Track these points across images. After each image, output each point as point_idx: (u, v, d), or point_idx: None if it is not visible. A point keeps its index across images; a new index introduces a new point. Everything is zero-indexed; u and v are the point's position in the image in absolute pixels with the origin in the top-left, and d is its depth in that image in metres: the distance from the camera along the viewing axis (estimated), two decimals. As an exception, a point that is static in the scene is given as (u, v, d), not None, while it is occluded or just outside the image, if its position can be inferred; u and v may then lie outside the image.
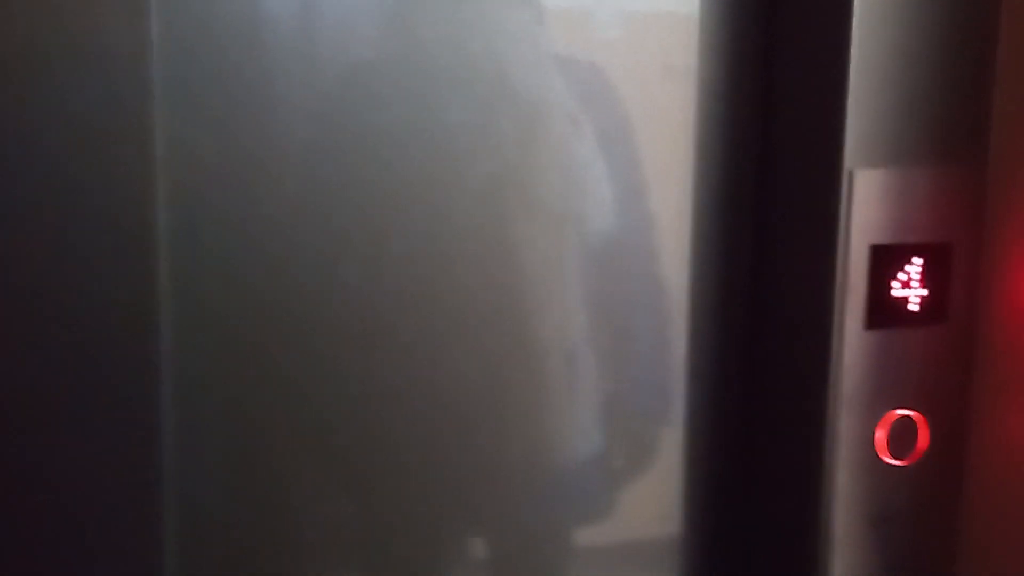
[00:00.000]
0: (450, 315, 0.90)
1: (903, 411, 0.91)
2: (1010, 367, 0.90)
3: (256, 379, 0.86)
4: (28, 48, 0.76)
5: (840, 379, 0.89)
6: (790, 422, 0.93)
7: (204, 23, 0.81)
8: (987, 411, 0.92)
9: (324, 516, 0.91)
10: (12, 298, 0.79)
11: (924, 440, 0.91)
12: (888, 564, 0.93)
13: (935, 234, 0.90)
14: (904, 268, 0.89)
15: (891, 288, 0.89)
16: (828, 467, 0.90)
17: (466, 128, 0.89)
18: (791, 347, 0.93)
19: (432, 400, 0.91)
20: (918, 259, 0.89)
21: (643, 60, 0.93)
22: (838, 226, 0.87)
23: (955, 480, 0.93)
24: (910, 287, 0.89)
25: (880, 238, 0.88)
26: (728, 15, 0.93)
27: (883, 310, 0.89)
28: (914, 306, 0.90)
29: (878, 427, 0.90)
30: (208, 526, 0.87)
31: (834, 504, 0.90)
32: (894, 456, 0.91)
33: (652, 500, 1.00)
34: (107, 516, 0.82)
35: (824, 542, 0.90)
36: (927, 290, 0.90)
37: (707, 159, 0.94)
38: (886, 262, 0.88)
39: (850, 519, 0.91)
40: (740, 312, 0.97)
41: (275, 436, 0.88)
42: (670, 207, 0.95)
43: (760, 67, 0.94)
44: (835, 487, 0.90)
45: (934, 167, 0.89)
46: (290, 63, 0.85)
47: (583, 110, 0.93)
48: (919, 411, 0.91)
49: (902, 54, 0.87)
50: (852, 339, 0.89)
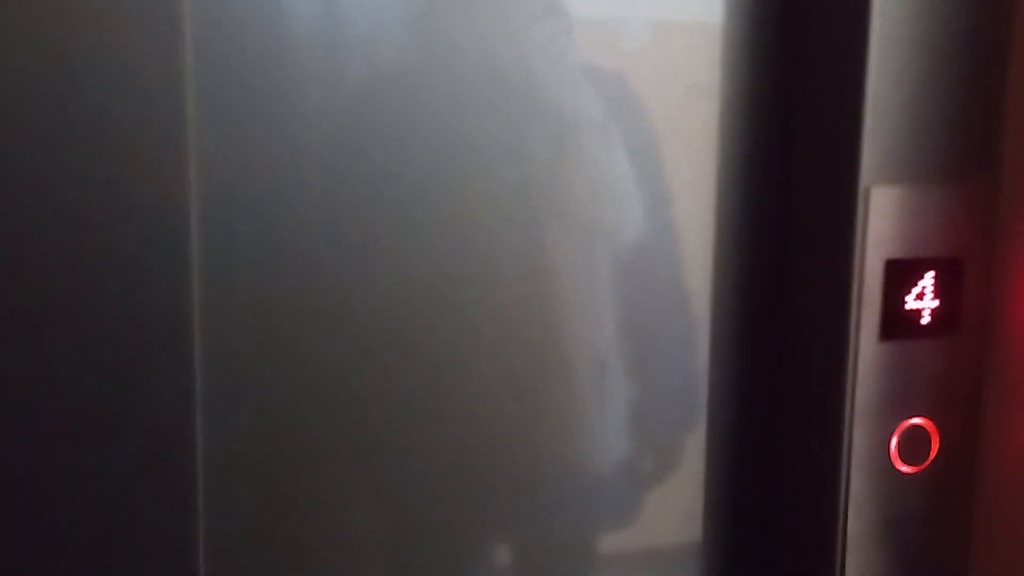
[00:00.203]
0: (479, 323, 0.91)
1: (916, 420, 0.93)
2: (1020, 377, 0.92)
3: (286, 385, 0.87)
4: (63, 56, 0.76)
5: (856, 389, 0.91)
6: (808, 430, 0.95)
7: (236, 31, 0.82)
8: (997, 420, 0.94)
9: (353, 522, 0.92)
10: (47, 299, 0.79)
11: (936, 448, 0.94)
12: (901, 568, 0.95)
13: (948, 249, 0.92)
14: (918, 282, 0.91)
15: (905, 301, 0.91)
16: (844, 473, 0.91)
17: (495, 137, 0.89)
18: (809, 357, 0.95)
19: (461, 407, 0.92)
20: (931, 273, 0.91)
21: (668, 72, 0.93)
22: (854, 241, 0.89)
23: (966, 486, 0.96)
24: (923, 300, 0.92)
25: (895, 253, 0.90)
26: (750, 31, 0.94)
27: (897, 322, 0.91)
28: (927, 318, 0.92)
29: (892, 435, 0.92)
30: (237, 529, 0.86)
31: (850, 509, 0.92)
32: (907, 463, 0.93)
33: (674, 506, 1.00)
34: (139, 516, 0.82)
35: (840, 546, 0.92)
36: (940, 303, 0.92)
37: (729, 173, 0.95)
38: (900, 276, 0.91)
39: (865, 523, 0.93)
40: (760, 323, 0.98)
41: (304, 442, 0.88)
42: (693, 219, 0.96)
43: (780, 85, 0.95)
44: (851, 492, 0.92)
45: (947, 185, 0.91)
46: (319, 72, 0.85)
47: (611, 120, 0.93)
48: (931, 420, 0.93)
49: (917, 76, 0.89)
50: (867, 350, 0.91)
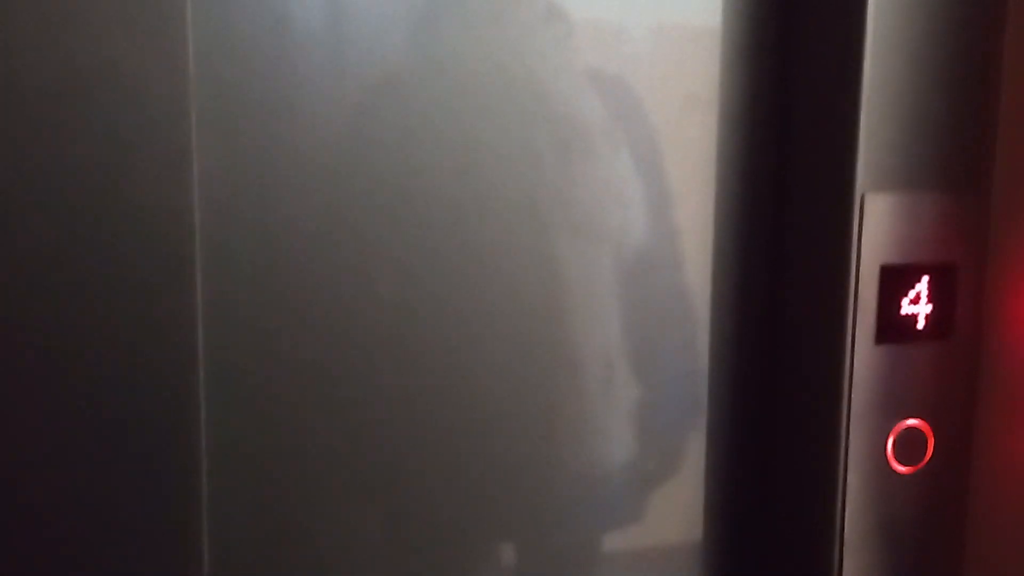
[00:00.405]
0: (483, 326, 0.92)
1: (911, 421, 0.94)
2: (1013, 380, 0.94)
3: (290, 388, 0.87)
4: (66, 72, 0.76)
5: (852, 391, 0.92)
6: (805, 432, 0.96)
7: (238, 36, 0.82)
8: (991, 422, 0.96)
9: (356, 523, 0.92)
10: (49, 304, 0.79)
11: (930, 449, 0.95)
12: (898, 568, 0.96)
13: (942, 255, 0.93)
14: (913, 287, 0.93)
15: (900, 306, 0.92)
16: (841, 474, 0.93)
17: (501, 141, 0.90)
18: (805, 360, 0.96)
19: (464, 408, 0.92)
20: (925, 278, 0.93)
21: (666, 78, 0.94)
22: (850, 247, 0.90)
23: (960, 487, 0.97)
24: (918, 305, 0.93)
25: (890, 258, 0.91)
26: (748, 39, 0.95)
27: (892, 326, 0.92)
28: (922, 323, 0.93)
29: (887, 436, 0.94)
30: (241, 531, 0.87)
31: (846, 508, 0.93)
32: (903, 464, 0.95)
33: (674, 506, 1.01)
34: (143, 519, 0.82)
35: (838, 546, 0.94)
36: (934, 307, 0.93)
37: (727, 179, 0.96)
38: (895, 281, 0.92)
39: (862, 524, 0.94)
40: (758, 327, 0.99)
41: (308, 444, 0.88)
42: (693, 223, 0.97)
43: (777, 93, 0.97)
44: (847, 493, 0.93)
45: (941, 191, 0.93)
46: (323, 79, 0.85)
47: (613, 124, 0.94)
48: (926, 421, 0.95)
49: (911, 85, 0.91)
50: (863, 353, 0.92)
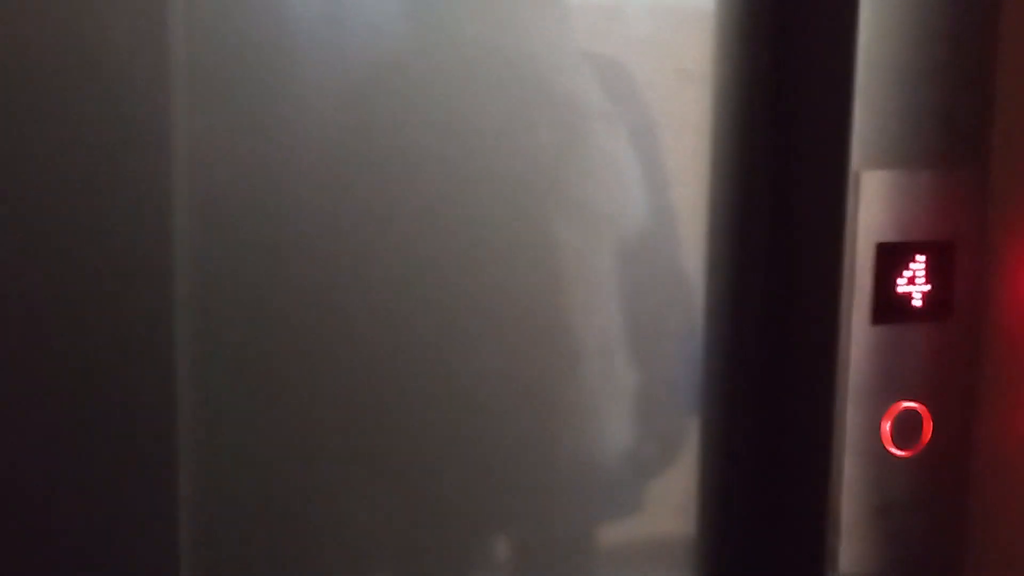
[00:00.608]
0: (480, 311, 0.91)
1: (908, 403, 0.93)
2: (1011, 361, 0.93)
3: (281, 379, 0.87)
4: (42, 56, 0.75)
5: (847, 372, 0.91)
6: (800, 413, 0.96)
7: (224, 23, 0.81)
8: (989, 403, 0.95)
9: (350, 514, 0.92)
10: (26, 306, 0.78)
11: (928, 431, 0.94)
12: (894, 551, 0.95)
13: (938, 233, 0.92)
14: (908, 265, 0.92)
15: (896, 285, 0.92)
16: (836, 457, 0.92)
17: (497, 126, 0.89)
18: (800, 341, 0.95)
19: (460, 396, 0.92)
20: (922, 257, 0.92)
21: (662, 58, 0.94)
22: (845, 225, 0.90)
23: (959, 470, 0.96)
24: (915, 284, 0.92)
25: (885, 236, 0.91)
26: (743, 16, 0.95)
27: (888, 306, 0.91)
28: (918, 302, 0.92)
29: (884, 419, 0.93)
30: (229, 525, 0.87)
31: (842, 492, 0.92)
32: (899, 447, 0.94)
33: (670, 492, 1.01)
34: (122, 520, 0.82)
35: (833, 529, 0.93)
36: (931, 287, 0.92)
37: (721, 158, 0.96)
38: (891, 259, 0.91)
39: (858, 507, 0.93)
40: (753, 308, 0.99)
41: (300, 433, 0.88)
42: (688, 204, 0.96)
43: (773, 70, 0.96)
44: (843, 476, 0.92)
45: (938, 169, 0.92)
46: (314, 64, 0.84)
47: (610, 106, 0.93)
48: (923, 403, 0.94)
49: (906, 62, 0.90)
50: (859, 334, 0.91)
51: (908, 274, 0.92)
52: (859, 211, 0.90)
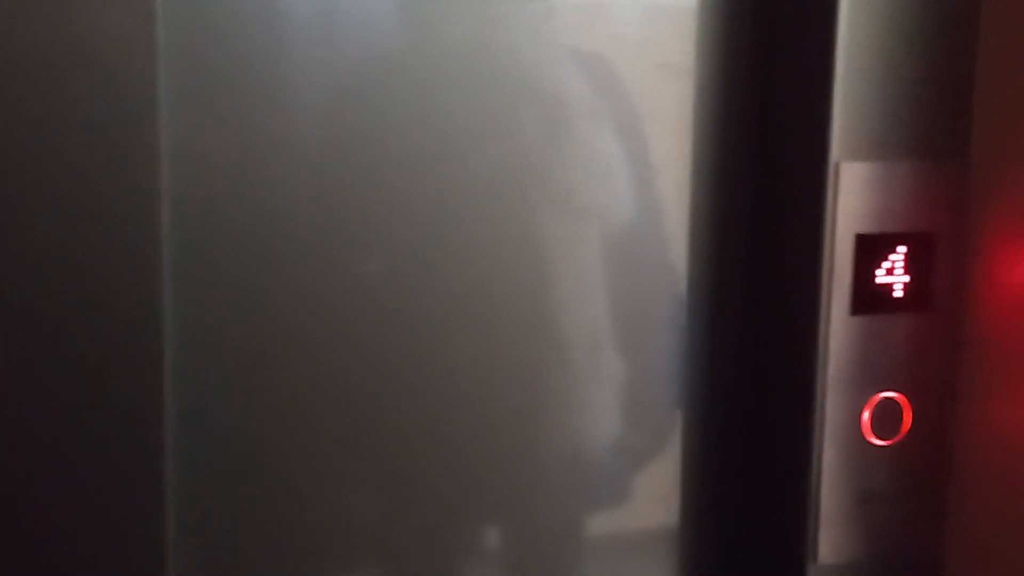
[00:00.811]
0: (468, 304, 0.91)
1: (888, 393, 0.94)
2: (991, 351, 0.93)
3: (269, 375, 0.87)
4: (31, 48, 0.75)
5: (827, 363, 0.91)
6: (780, 403, 0.96)
7: (213, 19, 0.81)
8: (968, 393, 0.95)
9: (339, 509, 0.91)
10: (10, 302, 0.77)
11: (908, 421, 0.94)
12: (874, 541, 0.95)
13: (918, 224, 0.92)
14: (888, 257, 0.92)
15: (875, 276, 0.92)
16: (817, 446, 0.92)
17: (483, 121, 0.89)
18: (781, 332, 0.96)
19: (448, 388, 0.92)
20: (902, 248, 0.92)
21: (644, 52, 0.94)
22: (825, 216, 0.90)
23: (939, 459, 0.96)
24: (894, 275, 0.92)
25: (865, 228, 0.91)
26: (724, 10, 0.95)
27: (868, 297, 0.92)
28: (898, 293, 0.92)
29: (864, 409, 0.93)
30: (215, 521, 0.87)
31: (823, 482, 0.93)
32: (879, 437, 0.94)
33: (653, 485, 1.01)
34: (109, 523, 0.81)
35: (813, 518, 0.93)
36: (910, 278, 0.93)
37: (703, 151, 0.96)
38: (871, 251, 0.91)
39: (838, 497, 0.94)
40: (734, 299, 0.99)
41: (286, 428, 0.88)
42: (671, 198, 0.97)
43: (753, 63, 0.96)
44: (823, 466, 0.93)
45: (918, 160, 0.92)
46: (301, 60, 0.85)
47: (596, 100, 0.94)
48: (903, 393, 0.94)
49: (886, 54, 0.90)
50: (838, 324, 0.91)
51: (888, 265, 0.92)
52: (839, 202, 0.90)
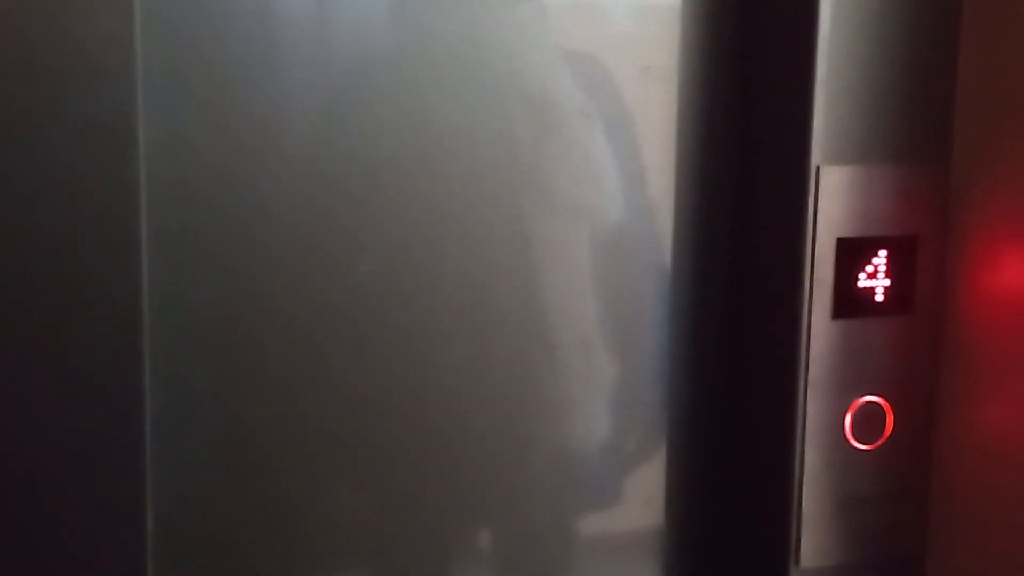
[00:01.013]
0: (460, 304, 0.91)
1: (870, 397, 0.94)
2: (972, 355, 0.93)
3: (255, 375, 0.87)
4: (9, 45, 0.74)
5: (809, 367, 0.92)
6: (763, 407, 0.96)
7: (193, 14, 0.80)
8: (950, 397, 0.95)
9: (325, 508, 0.92)
10: None
11: (889, 425, 0.95)
12: (857, 544, 0.96)
13: (899, 228, 0.93)
14: (870, 260, 0.92)
15: (857, 279, 0.92)
16: (799, 450, 0.92)
17: (473, 121, 0.90)
18: (763, 336, 0.96)
19: (441, 391, 0.92)
20: (883, 252, 0.92)
21: (629, 54, 0.95)
22: (806, 220, 0.90)
23: (921, 463, 0.96)
24: (876, 279, 0.93)
25: (846, 231, 0.91)
26: (707, 14, 0.96)
27: (850, 301, 0.92)
28: (879, 297, 0.93)
29: (846, 412, 0.93)
30: (200, 524, 0.86)
31: (805, 485, 0.93)
32: (861, 440, 0.94)
33: (638, 487, 1.01)
34: (89, 517, 0.80)
35: (795, 522, 0.93)
36: (892, 281, 0.93)
37: (686, 154, 0.96)
38: (852, 254, 0.92)
39: (820, 500, 0.94)
40: (716, 302, 0.99)
41: (274, 427, 0.88)
42: (655, 200, 0.97)
43: (735, 66, 0.97)
44: (805, 469, 0.93)
45: (899, 163, 0.92)
46: (291, 59, 0.84)
47: (586, 101, 0.94)
48: (885, 397, 0.94)
49: (867, 58, 0.90)
50: (820, 328, 0.92)
51: (869, 269, 0.92)
52: (820, 206, 0.90)
